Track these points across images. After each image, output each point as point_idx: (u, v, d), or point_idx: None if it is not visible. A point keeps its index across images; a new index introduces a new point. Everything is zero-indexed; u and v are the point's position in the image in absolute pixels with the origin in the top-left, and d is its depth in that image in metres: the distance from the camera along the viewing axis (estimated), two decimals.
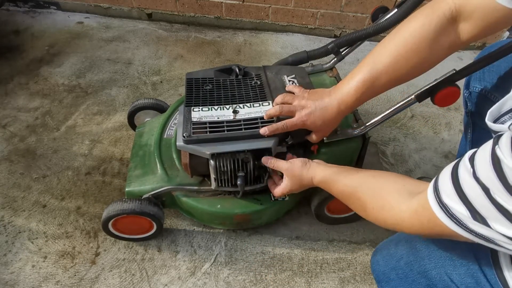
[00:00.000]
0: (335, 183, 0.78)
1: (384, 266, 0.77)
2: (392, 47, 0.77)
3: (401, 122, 1.58)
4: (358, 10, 1.89)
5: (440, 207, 0.52)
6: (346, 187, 0.75)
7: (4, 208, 1.22)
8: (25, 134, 1.45)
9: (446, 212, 0.51)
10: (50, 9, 2.10)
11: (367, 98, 0.84)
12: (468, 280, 0.63)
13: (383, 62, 0.78)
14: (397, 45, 0.76)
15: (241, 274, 1.09)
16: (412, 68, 0.77)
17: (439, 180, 0.53)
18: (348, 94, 0.84)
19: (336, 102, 0.86)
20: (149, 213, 1.02)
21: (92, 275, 1.07)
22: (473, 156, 0.48)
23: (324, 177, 0.81)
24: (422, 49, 0.74)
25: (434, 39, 0.72)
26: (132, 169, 1.09)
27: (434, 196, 0.53)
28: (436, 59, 0.76)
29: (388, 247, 0.79)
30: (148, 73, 1.75)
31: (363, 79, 0.81)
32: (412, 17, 0.76)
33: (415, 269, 0.71)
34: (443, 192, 0.51)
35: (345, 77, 0.87)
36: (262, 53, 1.89)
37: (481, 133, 0.96)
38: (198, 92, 1.03)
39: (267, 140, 0.92)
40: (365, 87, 0.81)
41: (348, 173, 0.78)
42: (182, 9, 2.01)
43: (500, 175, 0.42)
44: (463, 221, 0.49)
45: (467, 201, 0.47)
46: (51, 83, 1.67)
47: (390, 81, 0.80)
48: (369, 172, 0.75)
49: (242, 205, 1.04)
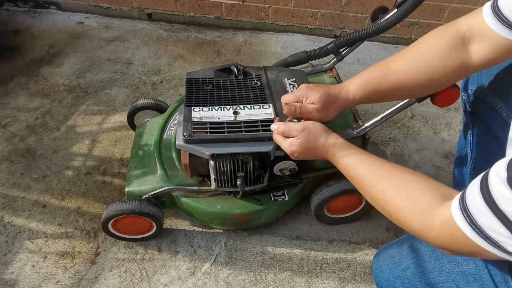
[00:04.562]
0: (356, 165, 0.71)
1: (388, 273, 0.76)
2: (407, 53, 0.77)
3: (401, 122, 1.58)
4: (358, 10, 1.89)
5: (473, 228, 0.47)
6: (370, 174, 0.68)
7: (4, 208, 1.22)
8: (25, 134, 1.45)
9: (480, 235, 0.47)
10: (50, 9, 2.10)
11: (371, 95, 0.81)
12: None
13: (395, 62, 0.78)
14: (412, 53, 0.77)
15: (241, 274, 1.09)
16: (423, 76, 0.75)
17: (467, 197, 0.48)
18: (353, 83, 0.82)
19: (340, 88, 0.84)
20: (149, 213, 1.02)
21: (92, 275, 1.07)
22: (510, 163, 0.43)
23: (344, 154, 0.74)
24: (434, 59, 0.73)
25: (446, 50, 0.71)
26: (132, 169, 1.09)
27: (463, 216, 0.48)
28: (447, 74, 0.74)
29: (391, 254, 0.78)
30: (148, 73, 1.75)
31: (372, 75, 0.80)
32: (428, 34, 0.76)
33: (423, 280, 0.69)
34: (473, 210, 0.47)
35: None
36: (262, 53, 1.89)
37: (481, 135, 0.95)
38: (199, 92, 1.03)
39: (266, 143, 0.92)
40: (370, 81, 0.80)
41: (374, 160, 0.70)
42: (182, 9, 2.01)
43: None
44: (500, 243, 0.45)
45: (506, 219, 0.43)
46: (51, 83, 1.67)
47: (400, 84, 0.77)
48: (398, 166, 0.67)
49: (242, 205, 1.04)
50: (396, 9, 1.00)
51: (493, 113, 0.86)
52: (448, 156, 1.45)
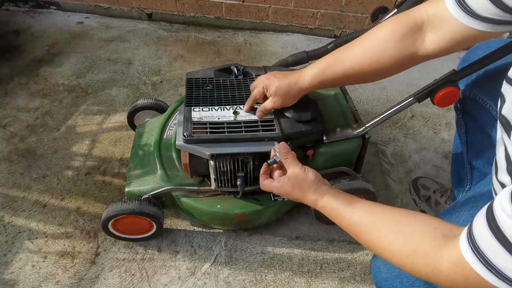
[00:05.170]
0: (348, 214, 0.67)
1: (386, 273, 0.76)
2: (364, 41, 0.79)
3: (401, 122, 1.58)
4: (358, 10, 1.89)
5: (488, 269, 0.45)
6: (363, 220, 0.64)
7: (4, 208, 1.22)
8: (25, 134, 1.45)
9: (498, 276, 0.44)
10: (50, 9, 2.10)
11: (326, 80, 0.84)
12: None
13: (350, 48, 0.80)
14: (368, 41, 0.78)
15: (241, 274, 1.09)
16: (375, 64, 0.76)
17: (476, 235, 0.46)
18: (310, 70, 0.85)
19: (297, 75, 0.87)
20: (149, 213, 1.02)
21: (92, 275, 1.07)
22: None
23: (333, 205, 0.70)
24: (387, 48, 0.74)
25: (400, 40, 0.72)
26: (132, 169, 1.09)
27: (475, 256, 0.46)
28: (398, 62, 0.74)
29: None
30: (148, 73, 1.75)
31: (327, 60, 0.83)
32: (386, 21, 0.78)
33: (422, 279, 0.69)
34: (486, 250, 0.44)
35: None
36: (262, 53, 1.89)
37: (475, 135, 0.96)
38: (199, 92, 1.03)
39: (266, 143, 0.92)
40: (326, 67, 0.82)
41: (364, 205, 0.66)
42: (182, 9, 2.01)
43: None
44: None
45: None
46: (51, 83, 1.67)
47: (352, 71, 0.79)
48: (390, 208, 0.63)
49: (242, 205, 1.04)
50: (396, 9, 1.00)
51: (484, 112, 0.86)
52: (448, 156, 1.45)
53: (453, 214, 0.72)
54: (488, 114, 0.85)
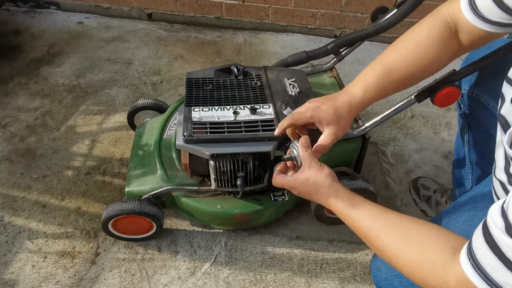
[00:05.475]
0: (360, 216, 0.66)
1: (386, 273, 0.76)
2: (402, 47, 0.78)
3: (401, 122, 1.58)
4: (358, 10, 1.89)
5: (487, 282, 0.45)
6: (375, 224, 0.63)
7: (4, 208, 1.22)
8: (25, 134, 1.45)
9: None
10: (50, 9, 2.10)
11: (377, 94, 0.79)
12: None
13: (395, 59, 0.78)
14: (408, 45, 0.77)
15: (241, 274, 1.09)
16: (423, 68, 0.75)
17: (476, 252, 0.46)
18: (359, 87, 0.79)
19: (346, 96, 0.80)
20: (149, 213, 1.02)
21: (92, 275, 1.07)
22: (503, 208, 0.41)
23: (346, 205, 0.68)
24: (430, 51, 0.74)
25: (440, 40, 0.72)
26: (132, 169, 1.09)
27: (477, 274, 0.46)
28: (443, 62, 0.75)
29: None
30: (148, 73, 1.75)
31: (375, 74, 0.78)
32: (418, 23, 0.77)
33: None
34: (486, 267, 0.44)
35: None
36: (262, 53, 1.89)
37: (478, 135, 0.96)
38: (199, 92, 1.03)
39: (267, 143, 0.92)
40: (376, 82, 0.78)
41: (377, 209, 0.65)
42: (182, 9, 2.01)
43: None
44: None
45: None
46: (51, 83, 1.67)
47: (402, 79, 0.77)
48: (403, 215, 0.63)
49: (242, 205, 1.04)
50: (396, 9, 1.00)
51: (486, 112, 0.86)
52: (448, 156, 1.45)
53: (453, 214, 0.72)
54: (490, 113, 0.85)
